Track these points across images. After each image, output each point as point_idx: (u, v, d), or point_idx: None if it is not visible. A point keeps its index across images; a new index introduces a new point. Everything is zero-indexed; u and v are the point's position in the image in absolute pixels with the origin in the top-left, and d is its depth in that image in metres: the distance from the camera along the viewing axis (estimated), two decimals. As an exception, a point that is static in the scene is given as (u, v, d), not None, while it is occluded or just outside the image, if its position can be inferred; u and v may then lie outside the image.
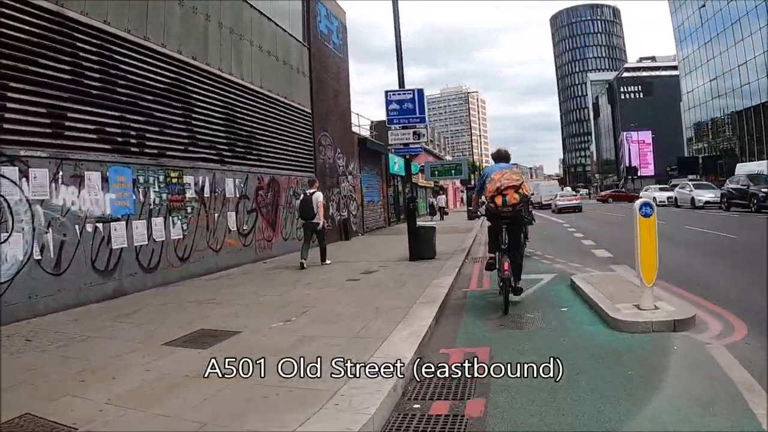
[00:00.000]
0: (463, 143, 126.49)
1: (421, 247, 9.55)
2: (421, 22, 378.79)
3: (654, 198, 29.76)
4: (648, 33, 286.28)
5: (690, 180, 30.32)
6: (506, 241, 5.38)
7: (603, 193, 45.45)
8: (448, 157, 50.37)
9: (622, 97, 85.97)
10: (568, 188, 42.66)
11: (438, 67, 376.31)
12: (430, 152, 53.88)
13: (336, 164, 16.39)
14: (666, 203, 28.37)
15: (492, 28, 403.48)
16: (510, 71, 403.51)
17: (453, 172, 27.10)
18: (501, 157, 5.83)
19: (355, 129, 19.56)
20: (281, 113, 12.76)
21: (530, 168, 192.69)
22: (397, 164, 25.21)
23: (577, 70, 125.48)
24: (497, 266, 5.49)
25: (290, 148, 13.15)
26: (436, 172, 27.27)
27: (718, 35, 44.76)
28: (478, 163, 65.11)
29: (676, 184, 30.96)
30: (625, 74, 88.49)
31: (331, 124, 16.10)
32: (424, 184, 38.10)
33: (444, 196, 29.28)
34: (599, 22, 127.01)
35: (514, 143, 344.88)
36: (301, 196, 9.86)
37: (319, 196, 9.42)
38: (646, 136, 75.71)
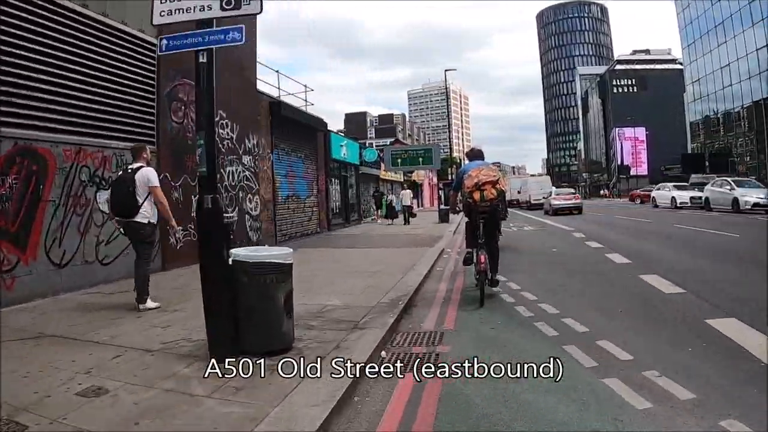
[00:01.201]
0: (444, 140, 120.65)
1: (244, 322, 3.28)
2: (418, 22, 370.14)
3: (673, 198, 24.03)
4: (635, 34, 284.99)
5: (724, 176, 23.99)
6: (482, 236, 5.54)
7: (633, 192, 41.44)
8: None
9: (615, 91, 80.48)
10: (554, 188, 37.69)
11: (429, 66, 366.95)
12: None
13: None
14: (689, 205, 22.37)
15: (485, 28, 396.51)
16: (500, 72, 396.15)
17: (421, 160, 20.90)
18: (475, 155, 6.04)
19: (266, 88, 13.08)
20: (66, 30, 6.43)
21: (513, 167, 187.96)
22: (344, 147, 18.72)
23: (564, 68, 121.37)
24: (474, 260, 5.48)
25: (89, 96, 6.80)
26: (399, 160, 21.03)
27: (731, 16, 39.31)
28: (459, 160, 59.23)
29: (698, 182, 25.19)
30: (618, 67, 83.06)
31: (209, 69, 9.70)
32: (390, 178, 31.67)
33: (409, 191, 22.22)
34: (587, 19, 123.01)
35: (504, 143, 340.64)
36: (119, 174, 5.65)
37: (148, 174, 5.23)
38: (640, 133, 70.54)
